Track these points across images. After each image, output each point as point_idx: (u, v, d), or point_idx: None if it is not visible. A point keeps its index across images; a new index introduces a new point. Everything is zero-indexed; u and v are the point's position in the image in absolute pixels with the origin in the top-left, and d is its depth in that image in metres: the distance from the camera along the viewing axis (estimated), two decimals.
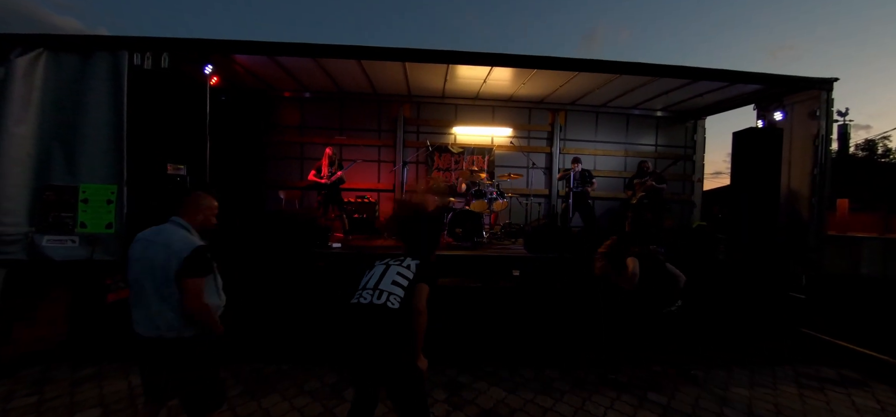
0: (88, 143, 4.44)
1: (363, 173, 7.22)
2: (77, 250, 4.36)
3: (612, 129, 7.97)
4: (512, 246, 5.78)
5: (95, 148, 4.45)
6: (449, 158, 7.47)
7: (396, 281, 1.96)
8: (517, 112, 7.69)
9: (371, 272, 2.10)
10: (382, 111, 7.44)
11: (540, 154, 7.76)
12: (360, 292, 2.00)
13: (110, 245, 4.41)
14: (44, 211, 4.34)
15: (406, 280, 1.96)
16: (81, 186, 4.43)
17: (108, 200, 4.49)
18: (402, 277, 1.98)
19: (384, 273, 2.02)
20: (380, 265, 2.10)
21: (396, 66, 5.58)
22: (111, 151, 4.47)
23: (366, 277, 2.09)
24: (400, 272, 2.00)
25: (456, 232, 5.67)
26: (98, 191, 4.48)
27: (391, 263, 2.08)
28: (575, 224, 6.84)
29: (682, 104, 7.43)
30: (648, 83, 6.15)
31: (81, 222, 4.42)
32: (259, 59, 5.40)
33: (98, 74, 4.52)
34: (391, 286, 1.94)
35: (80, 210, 4.43)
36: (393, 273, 2.00)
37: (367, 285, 2.01)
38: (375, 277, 2.02)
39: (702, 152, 8.27)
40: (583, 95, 7.16)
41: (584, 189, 6.35)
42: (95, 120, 4.45)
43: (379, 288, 1.95)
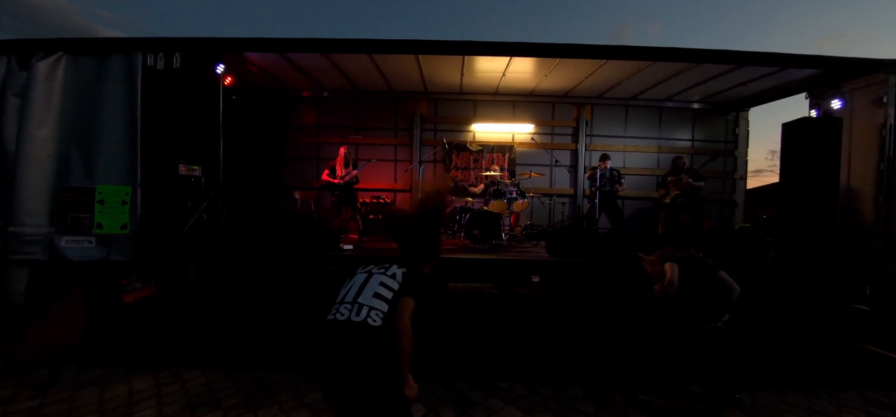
0: (104, 144, 4.46)
1: (379, 173, 7.04)
2: (93, 251, 4.39)
3: (643, 123, 7.43)
4: (533, 249, 5.43)
5: (111, 149, 4.47)
6: (467, 156, 7.19)
7: (379, 293, 1.69)
8: (539, 107, 7.30)
9: (351, 281, 1.82)
10: (399, 109, 7.24)
11: (564, 151, 7.34)
12: (338, 305, 1.73)
13: (125, 246, 4.42)
14: (62, 212, 4.39)
15: (390, 292, 1.69)
16: (97, 187, 4.46)
17: (122, 201, 4.50)
18: (385, 288, 1.70)
19: (365, 284, 1.74)
20: (361, 274, 1.82)
21: (410, 60, 5.35)
22: (126, 153, 4.47)
23: (345, 287, 1.81)
24: (383, 283, 1.72)
25: (473, 234, 5.38)
26: (113, 192, 4.49)
27: (375, 271, 1.80)
28: (601, 226, 6.40)
29: (722, 95, 6.81)
30: (685, 71, 5.62)
31: (98, 223, 4.44)
32: (271, 57, 5.32)
33: (113, 75, 4.54)
34: (373, 300, 1.67)
35: (96, 211, 4.45)
36: (375, 284, 1.73)
37: (345, 297, 1.74)
38: (355, 288, 1.75)
39: (744, 147, 7.59)
40: (611, 87, 6.68)
41: (613, 189, 5.89)
42: (111, 122, 4.47)
43: (358, 302, 1.68)
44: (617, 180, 5.94)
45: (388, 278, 1.74)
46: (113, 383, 3.34)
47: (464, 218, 5.75)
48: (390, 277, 1.74)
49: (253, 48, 4.78)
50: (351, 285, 1.79)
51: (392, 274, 1.75)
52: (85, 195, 4.44)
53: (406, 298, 1.66)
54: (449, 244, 5.68)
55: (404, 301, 1.65)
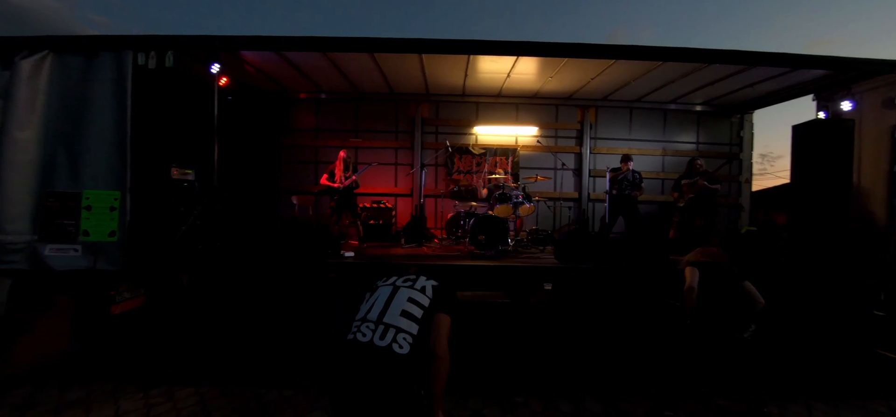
0: (92, 147, 4.24)
1: (380, 177, 6.85)
2: (79, 260, 4.15)
3: (648, 125, 7.32)
4: (540, 255, 5.26)
5: (99, 153, 4.24)
6: (470, 159, 7.02)
7: (407, 312, 1.48)
8: (543, 109, 7.16)
9: (373, 295, 1.61)
10: (400, 111, 7.06)
11: (569, 154, 7.19)
12: (359, 324, 1.52)
13: (113, 254, 4.18)
14: (47, 219, 4.15)
15: (420, 310, 1.49)
16: (84, 192, 4.22)
17: (111, 207, 4.26)
18: (414, 305, 1.50)
19: (391, 299, 1.53)
20: (385, 287, 1.61)
21: (413, 60, 5.18)
22: (115, 156, 4.24)
23: (367, 302, 1.60)
24: (412, 298, 1.52)
25: (479, 240, 5.20)
26: (101, 197, 4.25)
27: (400, 283, 1.59)
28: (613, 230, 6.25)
29: (727, 97, 6.72)
30: (693, 72, 5.51)
31: (84, 231, 4.20)
32: (269, 57, 5.12)
33: (102, 75, 4.32)
34: (400, 320, 1.46)
35: (82, 218, 4.21)
36: (402, 300, 1.52)
37: (367, 314, 1.53)
38: (379, 304, 1.54)
39: (750, 150, 7.51)
40: (616, 89, 6.57)
41: (633, 194, 5.73)
42: (99, 123, 4.24)
43: (383, 322, 1.47)
44: (638, 184, 5.79)
45: (417, 292, 1.53)
46: (99, 402, 3.11)
47: (468, 223, 5.57)
48: (419, 291, 1.54)
49: (249, 47, 4.58)
50: (374, 300, 1.58)
51: (421, 288, 1.55)
52: (71, 201, 4.20)
53: (441, 315, 1.47)
54: (453, 250, 5.49)
55: (439, 320, 1.45)
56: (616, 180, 5.79)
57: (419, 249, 5.62)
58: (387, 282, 1.63)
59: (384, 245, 5.95)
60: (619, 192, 5.74)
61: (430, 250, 5.48)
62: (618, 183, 5.76)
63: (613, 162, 7.02)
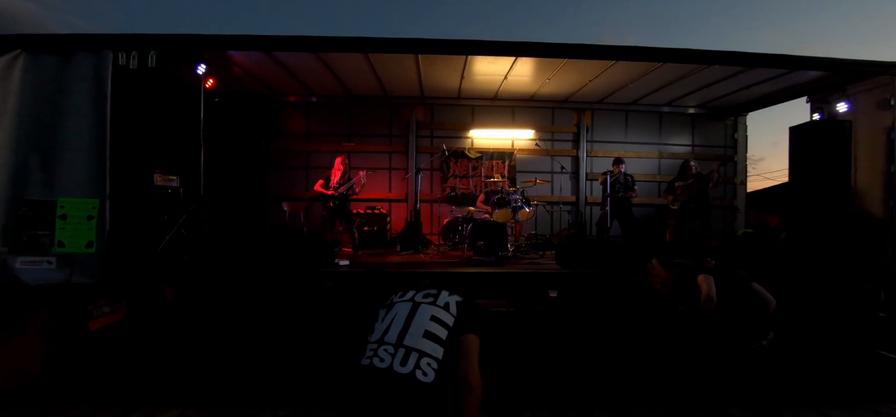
0: (68, 152, 3.98)
1: (373, 182, 6.65)
2: (53, 273, 3.88)
3: (643, 128, 7.29)
4: (541, 261, 5.13)
5: (76, 158, 3.99)
6: (466, 163, 6.88)
7: (431, 332, 1.30)
8: (539, 112, 7.08)
9: (390, 312, 1.42)
10: (394, 115, 6.90)
11: (565, 158, 7.11)
12: (376, 346, 1.34)
13: (90, 266, 3.92)
14: (18, 229, 3.87)
15: (445, 330, 1.32)
16: (59, 200, 3.96)
17: (88, 215, 4.00)
18: (438, 324, 1.32)
19: (411, 317, 1.36)
20: (402, 303, 1.42)
21: (408, 61, 5.03)
22: (93, 162, 3.99)
23: (382, 321, 1.41)
24: (435, 317, 1.34)
25: (477, 245, 5.05)
26: (78, 206, 3.99)
27: (421, 300, 1.41)
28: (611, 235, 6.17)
29: (723, 99, 6.73)
30: (691, 74, 5.48)
31: (59, 241, 3.93)
32: (258, 58, 4.92)
33: (79, 76, 4.07)
34: (423, 341, 1.28)
35: (57, 228, 3.95)
36: (424, 318, 1.34)
37: (385, 336, 1.35)
38: (398, 323, 1.36)
39: (744, 152, 7.54)
40: (612, 92, 6.52)
41: (627, 195, 5.66)
42: (76, 127, 3.99)
43: (404, 344, 1.29)
44: (630, 186, 5.72)
45: (440, 309, 1.36)
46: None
47: (466, 229, 5.42)
48: (443, 308, 1.36)
49: (236, 46, 4.38)
50: (391, 318, 1.39)
51: (444, 304, 1.38)
52: (45, 210, 3.93)
53: (469, 336, 1.30)
54: (451, 257, 5.33)
55: (468, 342, 1.29)
56: (607, 184, 5.73)
57: (416, 256, 5.44)
58: (404, 297, 1.45)
59: (379, 253, 5.76)
60: (612, 194, 5.66)
61: (427, 256, 5.31)
62: (610, 186, 5.69)
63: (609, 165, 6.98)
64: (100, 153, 3.96)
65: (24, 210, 3.86)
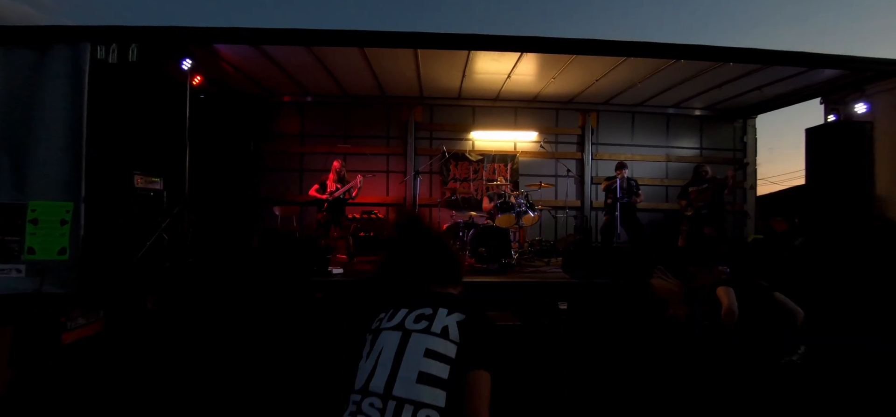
0: (41, 152, 3.71)
1: (370, 186, 6.37)
2: (22, 282, 3.59)
3: (650, 131, 7.05)
4: (547, 269, 4.86)
5: (48, 158, 3.71)
6: (466, 166, 6.62)
7: (427, 373, 0.99)
8: (543, 113, 6.83)
9: (375, 345, 1.12)
10: (391, 116, 6.64)
11: (570, 160, 6.85)
12: (360, 399, 1.03)
13: (63, 275, 3.63)
14: None
15: (445, 366, 1.00)
16: (30, 203, 3.68)
17: (61, 220, 3.72)
18: (437, 361, 1.01)
19: (401, 353, 1.05)
20: (389, 332, 1.10)
21: (407, 57, 4.77)
22: (67, 162, 3.72)
23: (367, 360, 1.10)
24: (432, 350, 1.03)
25: (480, 252, 4.77)
26: (50, 209, 3.71)
27: (412, 326, 1.10)
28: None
29: (732, 101, 6.49)
30: (703, 73, 5.24)
31: (29, 248, 3.64)
32: (247, 52, 4.65)
33: (55, 70, 3.80)
34: (419, 389, 0.97)
35: (28, 232, 3.66)
36: (418, 353, 1.03)
37: (369, 384, 1.04)
38: (385, 363, 1.05)
39: (754, 156, 7.29)
40: (619, 93, 6.27)
41: (631, 200, 5.40)
42: (50, 125, 3.72)
43: (394, 395, 0.98)
44: (635, 191, 5.46)
45: (437, 339, 1.04)
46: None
47: (467, 235, 5.15)
48: (440, 336, 1.05)
49: (223, 39, 4.12)
50: (376, 355, 1.07)
51: (441, 330, 1.06)
52: (14, 214, 3.64)
53: (477, 373, 1.00)
54: None
55: (475, 382, 0.98)
56: (610, 189, 5.47)
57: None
58: (391, 323, 1.13)
59: (376, 260, 5.47)
60: (614, 200, 5.40)
61: None
62: (612, 192, 5.43)
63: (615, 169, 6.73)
64: (75, 153, 3.69)
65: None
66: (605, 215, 5.72)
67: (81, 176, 3.69)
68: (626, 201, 5.27)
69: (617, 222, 5.13)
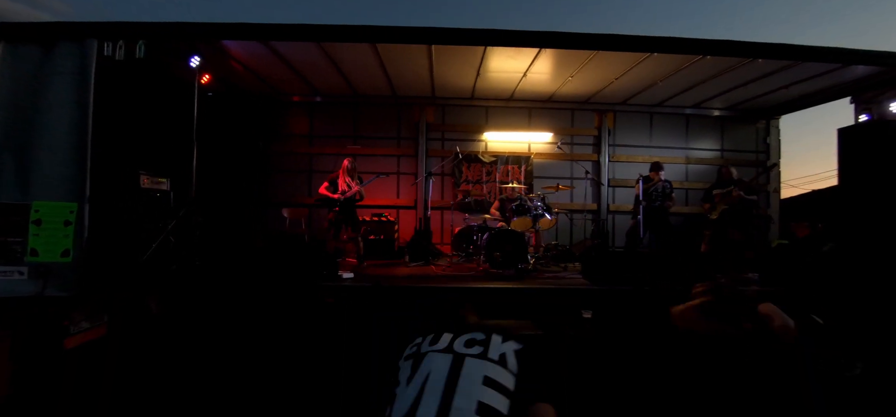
0: (44, 151, 3.60)
1: (381, 188, 6.22)
2: (24, 285, 3.47)
3: (669, 131, 6.82)
4: (565, 274, 4.65)
5: (53, 158, 3.60)
6: (479, 168, 6.44)
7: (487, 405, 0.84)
8: (558, 114, 6.64)
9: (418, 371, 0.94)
10: (402, 116, 6.50)
11: (586, 162, 6.65)
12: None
13: (66, 278, 3.52)
14: None
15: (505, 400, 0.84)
16: (34, 204, 3.57)
17: (65, 221, 3.60)
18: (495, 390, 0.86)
19: (454, 380, 0.88)
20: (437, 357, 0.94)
21: (420, 55, 4.62)
22: (72, 162, 3.61)
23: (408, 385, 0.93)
24: (490, 379, 0.88)
25: (494, 257, 4.58)
26: (54, 210, 3.60)
27: (464, 350, 0.94)
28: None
29: (756, 100, 6.25)
30: (730, 71, 5.02)
31: (32, 249, 3.53)
32: (256, 49, 4.53)
33: (61, 67, 3.70)
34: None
35: (31, 234, 3.55)
36: (474, 380, 0.88)
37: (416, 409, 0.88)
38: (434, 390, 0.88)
39: (778, 157, 7.02)
40: (638, 92, 6.06)
41: (664, 205, 5.16)
42: (54, 124, 3.62)
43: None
44: (669, 195, 5.23)
45: (495, 367, 0.88)
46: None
47: (480, 238, 4.96)
48: (499, 364, 0.88)
49: (232, 35, 3.99)
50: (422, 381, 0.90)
51: (499, 357, 0.90)
52: (17, 214, 3.54)
53: (542, 406, 0.84)
54: (465, 269, 4.86)
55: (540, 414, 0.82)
56: (648, 192, 5.23)
57: (426, 267, 4.99)
58: (438, 346, 0.95)
59: (386, 264, 5.31)
60: (649, 204, 5.16)
61: (439, 268, 4.84)
62: (648, 194, 5.20)
63: (633, 170, 6.50)
64: (80, 152, 3.58)
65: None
66: (632, 218, 5.49)
67: (86, 176, 3.58)
68: (658, 204, 5.03)
69: (640, 226, 4.90)
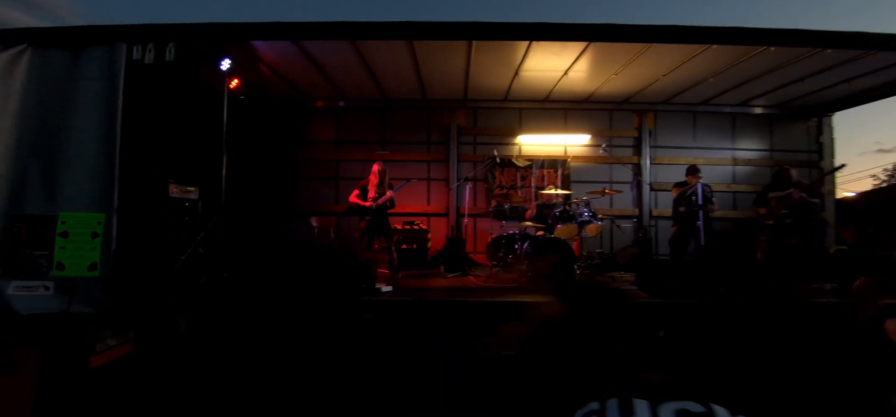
0: (73, 160, 3.45)
1: (410, 194, 5.95)
2: (49, 301, 3.30)
3: (714, 132, 6.41)
4: (618, 286, 4.29)
5: (81, 166, 3.45)
6: (513, 173, 6.13)
7: None
8: (595, 115, 6.31)
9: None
10: (432, 120, 6.25)
11: (625, 165, 6.28)
12: None
13: (93, 293, 3.33)
14: (12, 248, 3.32)
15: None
16: (61, 215, 3.40)
17: (93, 233, 3.43)
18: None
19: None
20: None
21: (458, 53, 4.36)
22: (100, 171, 3.44)
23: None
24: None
25: None
26: (81, 221, 3.43)
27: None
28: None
29: (810, 97, 5.83)
30: (788, 64, 4.64)
31: (58, 263, 3.36)
32: (287, 52, 4.35)
33: (90, 73, 3.56)
34: None
35: (57, 247, 3.38)
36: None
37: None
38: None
39: (831, 157, 6.53)
40: (681, 91, 5.70)
41: (706, 210, 4.79)
42: (83, 131, 3.47)
43: None
44: (709, 199, 4.85)
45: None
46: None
47: (522, 248, 4.65)
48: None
49: (262, 35, 3.80)
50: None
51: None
52: (43, 226, 3.38)
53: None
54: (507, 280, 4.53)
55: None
56: (686, 196, 4.85)
57: (464, 279, 4.69)
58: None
59: (420, 274, 5.02)
60: (687, 209, 4.78)
61: (479, 280, 4.53)
62: (685, 199, 4.81)
63: (676, 173, 6.11)
64: (108, 161, 3.41)
65: (18, 226, 3.31)
66: (675, 225, 5.11)
67: (114, 185, 3.40)
68: (699, 210, 4.65)
69: (700, 233, 4.51)
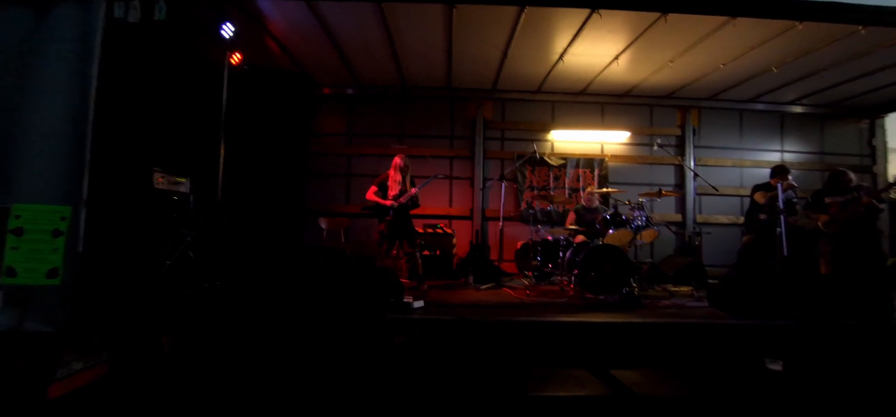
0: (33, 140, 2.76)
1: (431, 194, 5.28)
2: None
3: (761, 131, 5.89)
4: (686, 303, 3.69)
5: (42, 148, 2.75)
6: (546, 172, 5.52)
7: None
8: (634, 111, 5.75)
9: None
10: (456, 112, 5.62)
11: (667, 166, 5.71)
12: None
13: (53, 306, 2.63)
14: None
15: None
16: (14, 207, 2.71)
17: (54, 230, 2.73)
18: None
19: None
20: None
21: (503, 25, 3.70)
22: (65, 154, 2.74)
23: None
24: None
25: (589, 279, 3.64)
26: (40, 215, 2.73)
27: None
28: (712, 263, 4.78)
29: (866, 96, 5.34)
30: (870, 52, 4.12)
31: (8, 268, 2.65)
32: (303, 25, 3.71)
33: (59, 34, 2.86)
34: None
35: (7, 246, 2.68)
36: None
37: None
38: None
39: (884, 162, 6.04)
40: (734, 84, 5.16)
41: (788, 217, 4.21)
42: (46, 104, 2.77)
43: None
44: (793, 205, 4.29)
45: None
46: None
47: (565, 256, 4.02)
48: None
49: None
50: None
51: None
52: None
53: None
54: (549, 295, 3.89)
55: None
56: (769, 202, 4.27)
57: (499, 291, 4.05)
58: None
59: (446, 285, 4.37)
60: (770, 216, 4.20)
61: (518, 294, 3.88)
62: (768, 206, 4.24)
63: (722, 176, 5.58)
64: (77, 142, 2.71)
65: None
66: (748, 234, 4.52)
67: (84, 171, 2.71)
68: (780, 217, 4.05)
69: (781, 242, 3.91)
